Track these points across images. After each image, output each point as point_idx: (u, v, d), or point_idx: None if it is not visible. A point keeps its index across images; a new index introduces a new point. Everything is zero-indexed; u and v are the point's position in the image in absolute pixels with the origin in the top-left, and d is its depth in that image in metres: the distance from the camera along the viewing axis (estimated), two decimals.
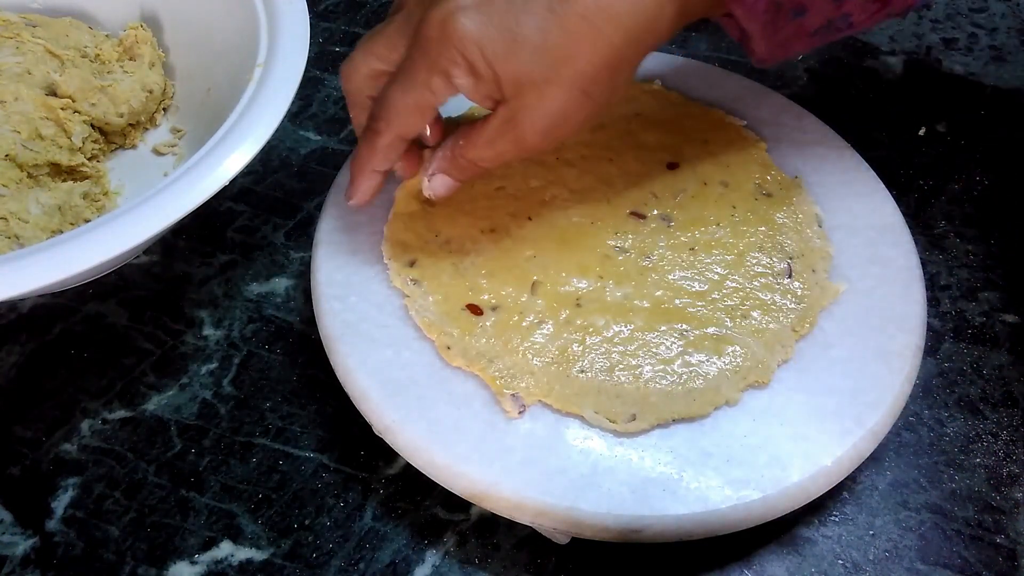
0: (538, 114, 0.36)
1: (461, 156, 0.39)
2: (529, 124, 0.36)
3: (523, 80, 0.35)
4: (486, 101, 0.37)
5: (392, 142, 0.38)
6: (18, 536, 0.38)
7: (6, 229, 0.43)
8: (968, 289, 0.48)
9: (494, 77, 0.35)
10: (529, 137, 0.37)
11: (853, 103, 0.57)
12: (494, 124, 0.37)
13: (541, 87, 0.35)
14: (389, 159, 0.39)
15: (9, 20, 0.50)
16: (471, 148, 0.38)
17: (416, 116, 0.37)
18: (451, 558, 0.38)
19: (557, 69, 0.35)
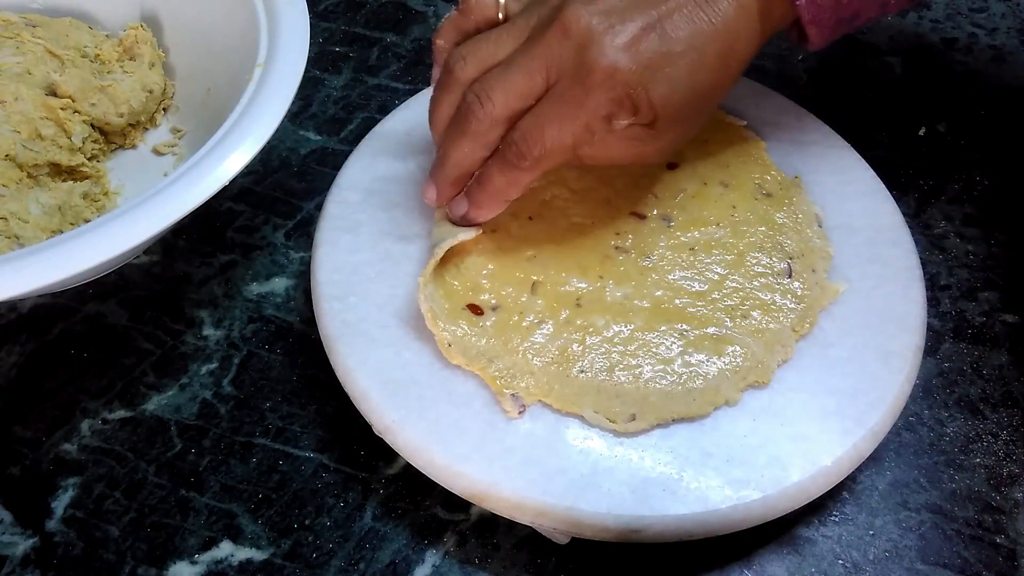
0: (671, 139, 0.39)
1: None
2: (659, 148, 0.39)
3: (677, 118, 0.37)
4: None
5: (536, 176, 0.38)
6: (18, 536, 0.38)
7: (6, 229, 0.43)
8: (968, 289, 0.48)
9: (653, 116, 0.36)
10: (650, 157, 0.39)
11: (853, 103, 0.57)
12: (633, 131, 0.38)
13: (685, 125, 0.39)
14: (523, 191, 0.39)
15: (9, 20, 0.50)
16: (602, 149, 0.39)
17: (567, 155, 0.38)
18: (451, 558, 0.38)
19: (701, 107, 0.38)
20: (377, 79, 0.58)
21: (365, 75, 0.58)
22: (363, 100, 0.57)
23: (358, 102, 0.57)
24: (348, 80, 0.58)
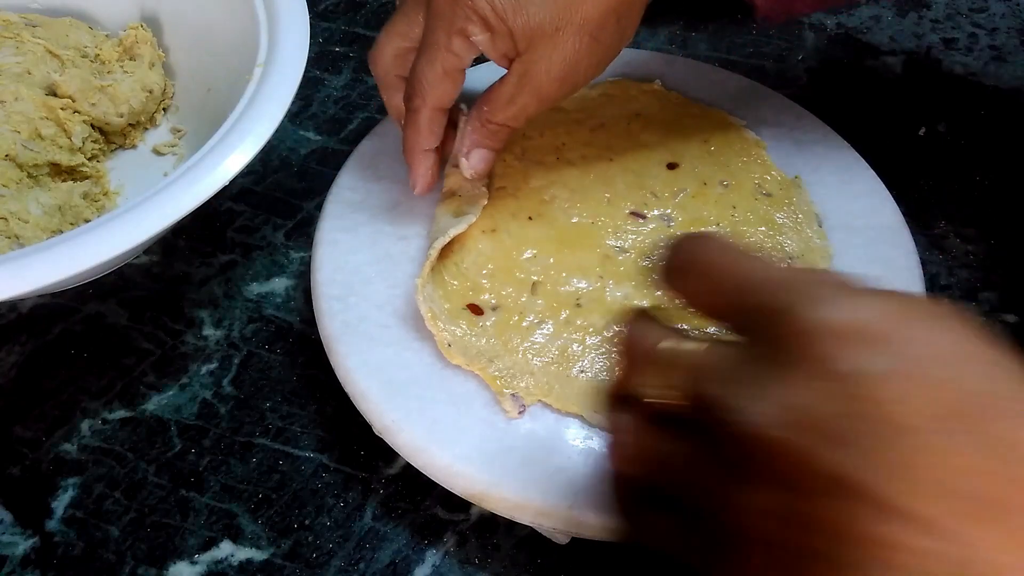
0: (552, 63, 0.37)
1: (489, 122, 0.40)
2: (544, 74, 0.38)
3: (534, 31, 0.36)
4: (503, 60, 0.38)
5: (432, 115, 0.40)
6: (18, 536, 0.38)
7: (6, 229, 0.43)
8: (968, 289, 0.48)
9: (507, 31, 0.36)
10: (546, 86, 0.38)
11: (853, 103, 0.57)
12: (511, 81, 0.39)
13: (552, 36, 0.37)
14: (434, 133, 0.41)
15: (9, 20, 0.50)
16: (496, 111, 0.40)
17: (447, 83, 0.39)
18: (451, 558, 0.38)
19: (565, 16, 0.36)
20: None
21: (365, 75, 0.58)
22: (363, 100, 0.57)
23: (358, 102, 0.57)
24: (348, 80, 0.58)
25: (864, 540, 0.18)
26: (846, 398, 0.19)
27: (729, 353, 0.22)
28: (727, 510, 0.20)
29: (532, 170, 0.45)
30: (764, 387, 0.20)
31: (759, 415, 0.19)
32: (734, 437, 0.20)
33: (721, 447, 0.21)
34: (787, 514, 0.19)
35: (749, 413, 0.20)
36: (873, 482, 0.18)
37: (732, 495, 0.20)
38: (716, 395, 0.21)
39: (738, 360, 0.22)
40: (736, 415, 0.20)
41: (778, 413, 0.19)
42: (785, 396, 0.19)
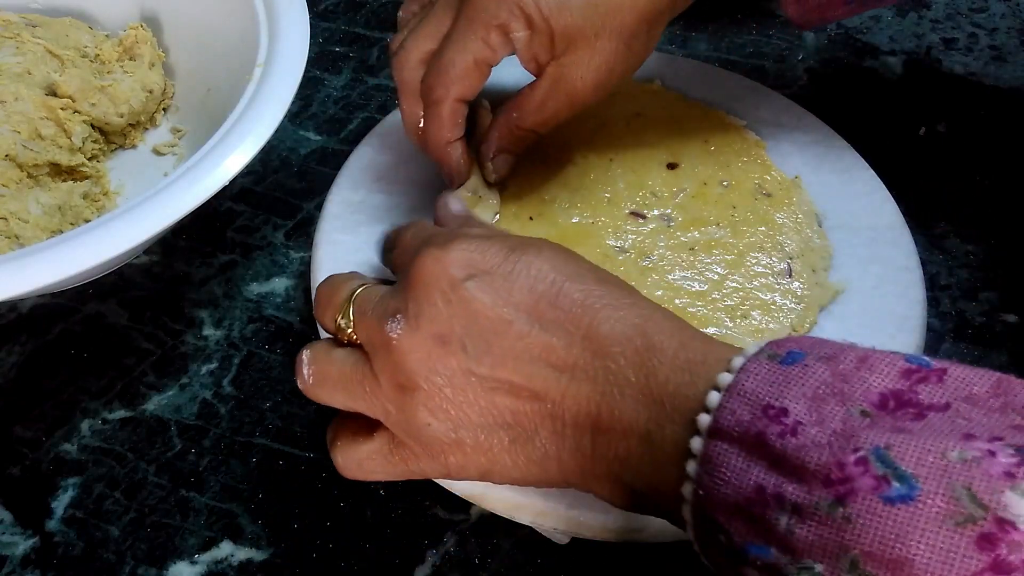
0: (588, 68, 0.38)
1: (517, 127, 0.40)
2: (580, 79, 0.38)
3: (575, 34, 0.37)
4: (531, 63, 0.38)
5: (455, 107, 0.39)
6: (18, 536, 0.38)
7: (6, 229, 0.43)
8: (968, 289, 0.48)
9: (549, 31, 0.36)
10: (580, 92, 0.38)
11: (853, 103, 0.57)
12: (543, 85, 0.39)
13: (591, 40, 0.37)
14: (458, 125, 0.40)
15: (9, 20, 0.50)
16: (526, 116, 0.40)
17: (475, 75, 0.38)
18: (451, 558, 0.38)
19: (605, 22, 0.37)
20: (377, 79, 0.58)
21: (365, 75, 0.58)
22: (363, 100, 0.57)
23: (358, 102, 0.57)
24: (348, 80, 0.58)
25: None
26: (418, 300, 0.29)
27: (381, 290, 0.31)
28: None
29: (533, 170, 0.45)
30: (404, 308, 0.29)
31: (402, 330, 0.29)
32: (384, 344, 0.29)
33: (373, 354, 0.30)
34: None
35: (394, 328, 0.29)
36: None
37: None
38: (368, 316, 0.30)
39: (386, 293, 0.30)
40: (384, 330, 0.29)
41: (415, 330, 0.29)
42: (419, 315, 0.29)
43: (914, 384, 0.23)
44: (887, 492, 0.20)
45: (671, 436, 0.26)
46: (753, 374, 0.24)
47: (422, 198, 0.45)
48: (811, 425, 0.22)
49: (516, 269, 0.29)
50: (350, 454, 0.32)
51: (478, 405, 0.29)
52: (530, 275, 0.29)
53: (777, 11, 0.63)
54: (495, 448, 0.29)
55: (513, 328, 0.28)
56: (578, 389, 0.28)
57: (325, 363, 0.31)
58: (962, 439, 0.21)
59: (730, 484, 0.23)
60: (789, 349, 0.25)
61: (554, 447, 0.28)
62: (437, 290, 0.28)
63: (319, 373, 0.31)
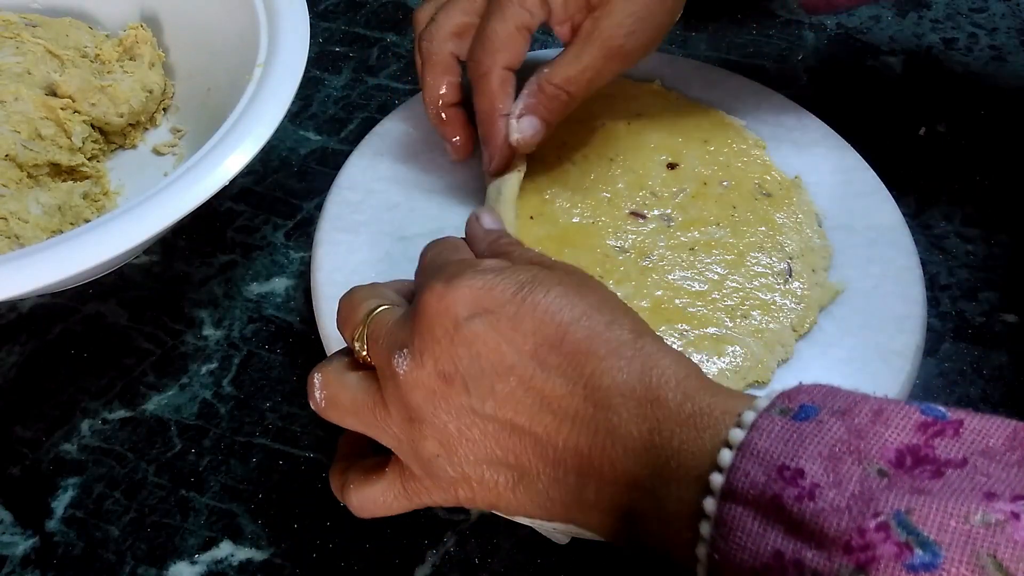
0: (624, 14, 0.38)
1: (549, 83, 0.40)
2: (616, 25, 0.38)
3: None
4: (567, 25, 0.39)
5: (503, 76, 0.40)
6: (18, 536, 0.38)
7: (6, 229, 0.43)
8: (968, 289, 0.48)
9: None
10: (616, 39, 0.38)
11: (853, 103, 0.57)
12: (580, 37, 0.39)
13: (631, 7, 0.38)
14: (507, 95, 0.40)
15: (9, 20, 0.50)
16: (557, 71, 0.40)
17: (518, 41, 0.39)
18: (451, 558, 0.38)
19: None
20: (377, 79, 0.58)
21: (365, 75, 0.58)
22: (363, 100, 0.57)
23: (358, 102, 0.57)
24: (348, 80, 0.58)
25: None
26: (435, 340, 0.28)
27: (395, 316, 0.30)
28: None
29: (533, 169, 0.45)
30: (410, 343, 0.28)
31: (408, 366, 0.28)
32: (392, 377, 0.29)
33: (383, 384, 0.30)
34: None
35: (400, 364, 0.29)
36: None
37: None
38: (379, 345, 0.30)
39: (399, 322, 0.30)
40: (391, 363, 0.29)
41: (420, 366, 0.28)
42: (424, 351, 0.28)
43: (930, 438, 0.22)
44: (910, 560, 0.20)
45: (679, 494, 0.25)
46: (766, 432, 0.23)
47: (422, 198, 0.45)
48: (829, 487, 0.22)
49: (522, 310, 0.28)
50: (365, 494, 0.31)
51: (482, 443, 0.28)
52: (535, 316, 0.28)
53: (777, 11, 0.63)
54: (500, 485, 0.29)
55: (515, 371, 0.27)
56: (578, 439, 0.27)
57: (337, 387, 0.31)
58: (983, 499, 0.20)
59: (747, 549, 0.22)
60: (801, 403, 0.24)
61: (556, 492, 0.28)
62: (441, 328, 0.28)
63: (331, 397, 0.31)
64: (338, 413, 0.31)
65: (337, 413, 0.31)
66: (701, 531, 0.24)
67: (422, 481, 0.30)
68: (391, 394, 0.29)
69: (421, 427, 0.29)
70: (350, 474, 0.32)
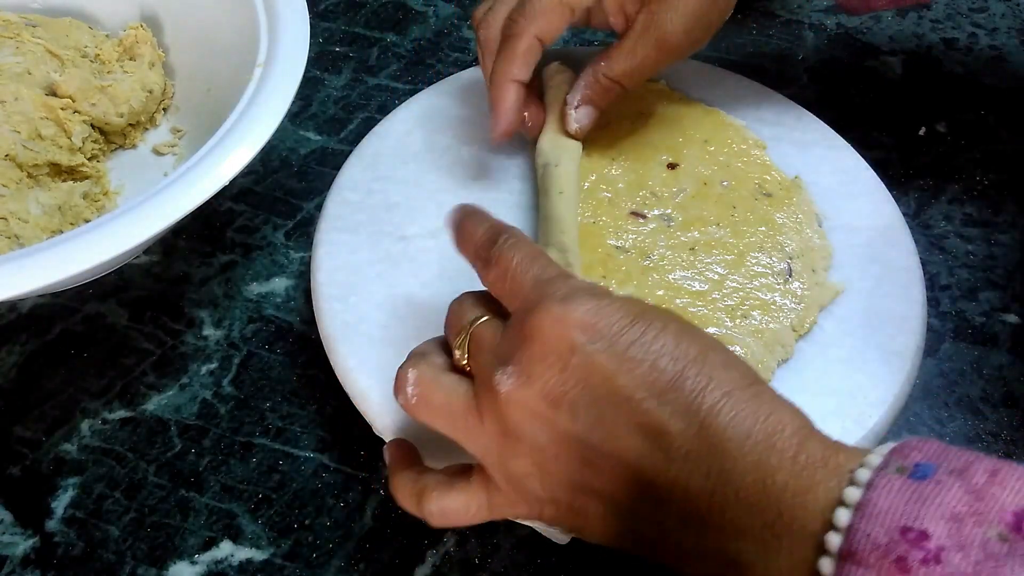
0: (679, 13, 0.39)
1: (605, 76, 0.41)
2: (670, 21, 0.39)
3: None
4: (620, 15, 0.39)
5: (531, 45, 0.39)
6: (18, 536, 0.38)
7: (6, 229, 0.43)
8: (968, 289, 0.48)
9: None
10: (671, 35, 0.39)
11: (853, 103, 0.57)
12: (634, 32, 0.40)
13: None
14: (528, 64, 0.40)
15: (9, 20, 0.50)
16: (614, 64, 0.40)
17: (557, 14, 0.39)
18: (451, 558, 0.38)
19: None
20: (377, 79, 0.58)
21: (365, 75, 0.58)
22: (363, 100, 0.57)
23: (358, 102, 0.57)
24: (348, 80, 0.58)
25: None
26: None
27: (496, 328, 0.30)
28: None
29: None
30: (517, 360, 0.28)
31: (512, 385, 0.28)
32: (491, 391, 0.28)
33: (481, 396, 0.29)
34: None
35: (504, 381, 0.28)
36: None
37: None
38: (481, 358, 0.30)
39: (501, 334, 0.30)
40: (493, 379, 0.28)
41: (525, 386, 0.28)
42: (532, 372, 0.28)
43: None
44: None
45: (791, 550, 0.24)
46: (885, 491, 0.23)
47: (422, 198, 0.45)
48: (954, 551, 0.21)
49: (640, 341, 0.27)
50: (447, 503, 0.31)
51: (580, 471, 0.28)
52: (652, 349, 0.27)
53: (777, 11, 0.63)
54: (589, 514, 0.28)
55: (629, 404, 0.26)
56: (688, 482, 0.26)
57: (432, 387, 0.31)
58: None
59: None
60: (916, 461, 0.23)
61: (652, 532, 0.27)
62: (555, 352, 0.27)
63: (424, 396, 0.31)
64: (427, 413, 0.31)
65: (426, 413, 0.31)
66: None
67: (507, 495, 0.30)
68: (489, 406, 0.29)
69: (516, 445, 0.28)
70: (428, 482, 0.31)
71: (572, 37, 0.61)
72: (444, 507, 0.31)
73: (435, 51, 0.60)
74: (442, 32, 0.61)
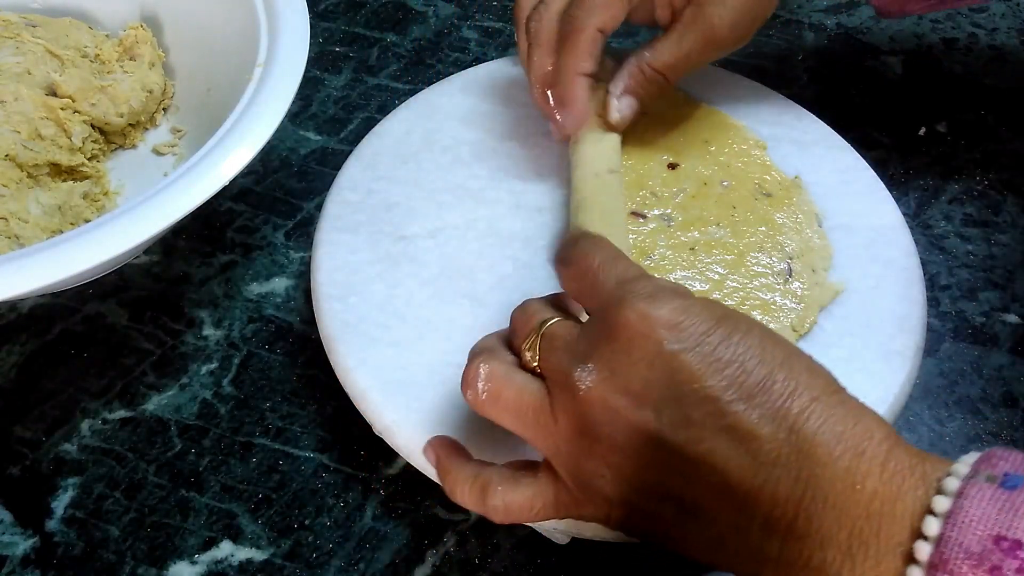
0: (727, 5, 0.39)
1: (650, 66, 0.41)
2: (718, 15, 0.39)
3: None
4: (666, 9, 0.39)
5: (594, 37, 0.40)
6: (18, 536, 0.38)
7: (6, 229, 0.43)
8: (968, 289, 0.48)
9: None
10: (718, 28, 0.39)
11: (853, 103, 0.57)
12: (679, 25, 0.40)
13: None
14: (593, 56, 0.40)
15: (9, 20, 0.50)
16: (659, 55, 0.40)
17: (617, 6, 0.39)
18: (451, 558, 0.38)
19: None
20: (377, 79, 0.58)
21: (365, 75, 0.58)
22: (363, 100, 0.57)
23: (358, 102, 0.57)
24: (348, 80, 0.58)
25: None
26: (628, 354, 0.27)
27: (571, 328, 0.30)
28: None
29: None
30: (599, 358, 0.28)
31: (593, 381, 0.27)
32: (570, 389, 0.28)
33: (556, 395, 0.29)
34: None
35: (584, 378, 0.28)
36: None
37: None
38: (557, 356, 0.29)
39: (577, 334, 0.29)
40: (572, 376, 0.28)
41: (607, 382, 0.27)
42: (614, 370, 0.27)
43: None
44: None
45: (877, 559, 0.24)
46: (976, 500, 0.23)
47: (422, 198, 0.45)
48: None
49: (727, 342, 0.27)
50: (513, 498, 0.30)
51: (658, 473, 0.27)
52: (739, 351, 0.26)
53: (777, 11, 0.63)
54: (664, 518, 0.28)
55: (717, 405, 0.26)
56: (776, 488, 0.25)
57: (503, 384, 0.30)
58: None
59: None
60: (1005, 471, 0.23)
61: (732, 540, 0.26)
62: (640, 350, 0.27)
63: (494, 391, 0.30)
64: (497, 409, 0.30)
65: (496, 409, 0.30)
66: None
67: (575, 494, 0.29)
68: (563, 405, 0.28)
69: (592, 444, 0.28)
70: (491, 476, 0.31)
71: None
72: (509, 502, 0.30)
73: (435, 51, 0.60)
74: (442, 32, 0.61)
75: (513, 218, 0.44)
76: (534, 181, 0.45)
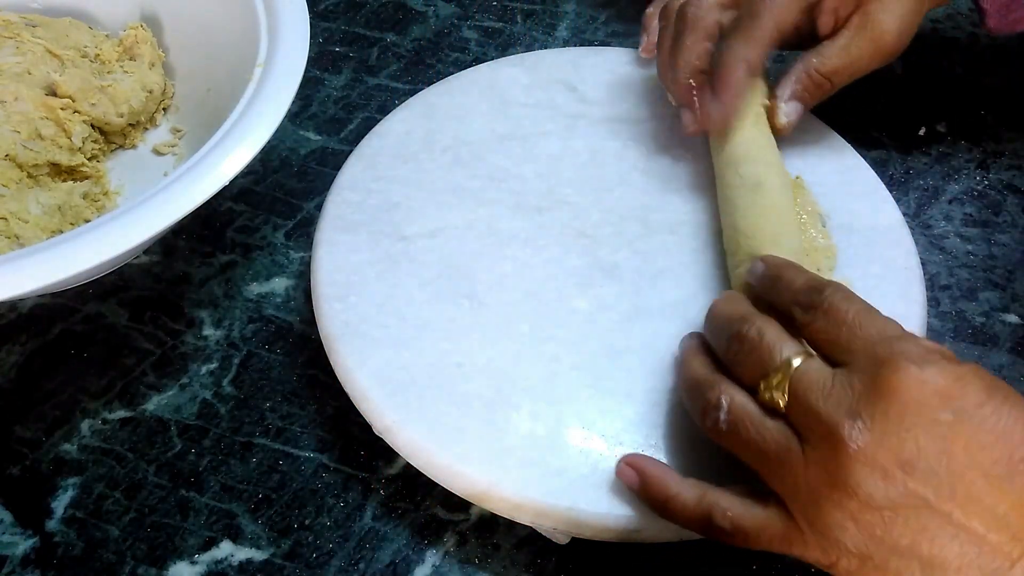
0: (894, 15, 0.40)
1: (817, 71, 0.41)
2: (885, 22, 0.40)
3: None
4: (830, 16, 0.40)
5: (770, 33, 0.40)
6: (18, 536, 0.38)
7: (6, 229, 0.43)
8: (968, 289, 0.48)
9: None
10: (886, 34, 0.40)
11: (853, 103, 0.57)
12: (847, 32, 0.41)
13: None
14: (766, 50, 0.41)
15: (9, 20, 0.50)
16: (827, 61, 0.41)
17: (793, 9, 0.40)
18: (451, 558, 0.38)
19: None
20: (377, 79, 0.58)
21: (365, 75, 0.58)
22: (363, 100, 0.57)
23: (358, 102, 0.57)
24: (348, 80, 0.58)
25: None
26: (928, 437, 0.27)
27: (826, 375, 0.29)
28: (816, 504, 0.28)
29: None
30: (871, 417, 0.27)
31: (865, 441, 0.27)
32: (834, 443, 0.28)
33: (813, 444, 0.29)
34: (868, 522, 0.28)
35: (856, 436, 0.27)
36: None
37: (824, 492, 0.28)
38: (818, 406, 0.28)
39: (835, 383, 0.29)
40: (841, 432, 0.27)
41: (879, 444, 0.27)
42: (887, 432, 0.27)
43: None
44: None
45: None
46: None
47: (422, 198, 0.45)
48: None
49: (997, 414, 0.27)
50: (743, 523, 0.31)
51: (913, 535, 0.27)
52: (1008, 424, 0.27)
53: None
54: (901, 573, 0.28)
55: (987, 477, 0.26)
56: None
57: (747, 423, 0.30)
58: None
59: None
60: None
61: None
62: (917, 417, 0.27)
63: (737, 426, 0.30)
64: (734, 442, 0.31)
65: (735, 441, 0.31)
66: None
67: (806, 536, 0.29)
68: (821, 456, 0.28)
69: (843, 498, 0.27)
70: (717, 498, 0.31)
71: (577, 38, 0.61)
72: (737, 527, 0.31)
73: (435, 51, 0.60)
74: (442, 32, 0.61)
75: (513, 218, 0.44)
76: (534, 181, 0.45)
